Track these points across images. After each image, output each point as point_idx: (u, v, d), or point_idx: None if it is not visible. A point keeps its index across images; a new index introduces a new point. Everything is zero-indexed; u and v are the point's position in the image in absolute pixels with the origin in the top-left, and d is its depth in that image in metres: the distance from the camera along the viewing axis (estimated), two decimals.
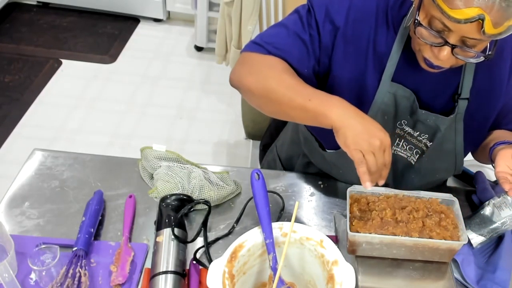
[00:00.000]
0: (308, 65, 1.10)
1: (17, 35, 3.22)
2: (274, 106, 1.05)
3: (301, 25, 1.10)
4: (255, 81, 1.05)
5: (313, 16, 1.09)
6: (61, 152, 1.30)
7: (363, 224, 1.01)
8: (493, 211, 1.12)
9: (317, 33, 1.09)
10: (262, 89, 1.04)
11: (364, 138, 0.92)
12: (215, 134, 2.69)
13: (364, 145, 0.92)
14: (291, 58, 1.08)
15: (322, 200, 1.24)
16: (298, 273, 0.99)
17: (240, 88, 1.10)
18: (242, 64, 1.11)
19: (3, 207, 1.14)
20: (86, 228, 1.05)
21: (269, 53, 1.08)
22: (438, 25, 0.92)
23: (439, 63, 0.98)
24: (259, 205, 0.96)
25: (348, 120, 0.94)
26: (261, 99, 1.07)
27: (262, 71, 1.06)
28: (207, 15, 3.03)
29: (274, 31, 1.12)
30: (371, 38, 1.08)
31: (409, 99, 1.11)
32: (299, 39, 1.09)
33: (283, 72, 1.05)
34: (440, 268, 1.03)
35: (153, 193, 1.15)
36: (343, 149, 0.95)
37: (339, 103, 0.97)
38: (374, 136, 0.93)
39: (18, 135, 2.54)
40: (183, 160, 1.23)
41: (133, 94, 2.88)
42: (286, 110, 1.03)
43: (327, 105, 0.97)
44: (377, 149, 0.93)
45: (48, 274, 0.97)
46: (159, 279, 0.96)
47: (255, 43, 1.11)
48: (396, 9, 1.07)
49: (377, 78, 1.10)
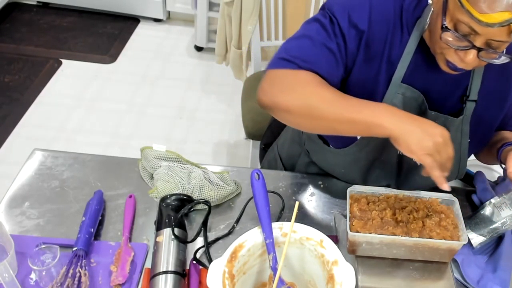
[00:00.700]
0: (337, 74, 1.08)
1: (17, 35, 3.22)
2: (318, 122, 1.01)
3: (326, 34, 1.06)
4: (293, 99, 1.01)
5: (336, 24, 1.06)
6: (61, 152, 1.30)
7: (363, 224, 1.01)
8: (493, 211, 1.13)
9: (343, 41, 1.06)
10: (303, 107, 1.00)
11: (427, 139, 0.91)
12: (215, 134, 2.69)
13: (430, 146, 0.91)
14: (321, 69, 1.05)
15: (322, 200, 1.24)
16: (298, 273, 0.99)
17: (275, 108, 1.05)
18: (272, 83, 1.06)
19: (3, 207, 1.14)
20: (86, 228, 1.05)
21: (299, 67, 1.04)
22: (465, 29, 0.91)
23: (464, 66, 0.98)
24: (259, 205, 0.96)
25: (404, 126, 0.93)
26: (301, 117, 1.03)
27: (298, 89, 1.02)
28: (207, 15, 3.03)
29: (298, 43, 1.08)
30: (388, 40, 1.07)
31: (418, 100, 1.11)
32: (327, 49, 1.06)
33: (320, 86, 1.02)
34: (440, 268, 1.03)
35: (153, 193, 1.15)
36: (408, 156, 0.93)
37: (389, 111, 0.96)
38: (435, 134, 0.92)
39: (18, 135, 2.54)
40: (183, 160, 1.23)
41: (133, 94, 2.88)
42: (332, 125, 1.00)
43: (379, 115, 0.95)
44: (442, 146, 0.92)
45: (48, 274, 0.97)
46: (159, 279, 0.96)
47: (282, 58, 1.06)
48: (410, 11, 1.07)
49: (388, 79, 1.10)
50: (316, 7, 2.15)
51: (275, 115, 1.07)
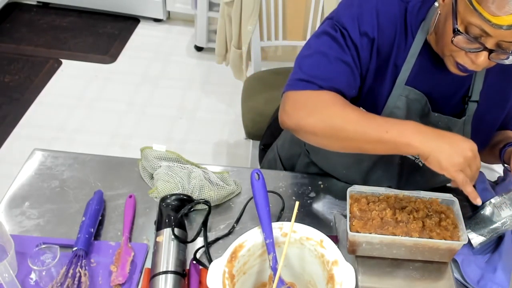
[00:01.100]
0: (355, 86, 1.09)
1: (17, 35, 3.22)
2: (345, 143, 1.02)
3: (339, 47, 1.06)
4: (318, 121, 1.01)
5: (347, 36, 1.06)
6: (61, 152, 1.30)
7: (363, 224, 1.01)
8: (493, 211, 1.12)
9: (356, 52, 1.06)
10: (328, 129, 1.01)
11: (457, 156, 0.92)
12: (215, 134, 2.69)
13: (461, 162, 0.92)
14: (341, 85, 1.05)
15: (322, 200, 1.24)
16: (298, 273, 0.99)
17: (300, 131, 1.05)
18: (295, 106, 1.05)
19: (3, 207, 1.14)
20: (86, 228, 1.05)
21: (320, 87, 1.04)
22: (476, 31, 0.91)
23: (475, 67, 0.98)
24: (259, 205, 0.96)
25: (433, 143, 0.94)
26: (328, 138, 1.03)
27: (322, 110, 1.02)
28: (207, 15, 3.02)
29: (313, 61, 1.07)
30: (395, 43, 1.07)
31: (421, 102, 1.11)
32: (343, 63, 1.06)
33: (344, 106, 1.02)
34: (440, 268, 1.03)
35: (153, 193, 1.15)
36: (440, 173, 0.94)
37: (416, 128, 0.96)
38: (464, 150, 0.93)
39: (18, 135, 2.54)
40: (183, 160, 1.23)
41: (133, 94, 2.88)
42: (359, 146, 1.01)
43: (406, 134, 0.95)
44: (472, 160, 0.94)
45: (48, 274, 0.97)
46: (159, 279, 0.96)
47: (300, 79, 1.05)
48: (414, 14, 1.07)
49: (392, 82, 1.10)
50: (316, 7, 2.15)
51: (301, 137, 1.07)
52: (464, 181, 0.93)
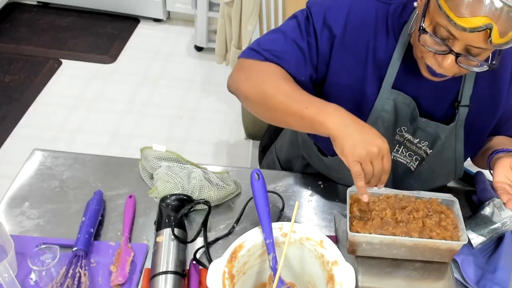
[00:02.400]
0: (305, 73, 1.09)
1: (17, 35, 3.22)
2: (271, 113, 1.05)
3: (299, 32, 1.08)
4: (252, 87, 1.05)
5: (311, 23, 1.08)
6: (61, 152, 1.30)
7: (363, 224, 1.01)
8: (493, 211, 1.12)
9: (315, 41, 1.08)
10: (259, 96, 1.04)
11: (362, 147, 0.91)
12: (215, 134, 2.69)
13: (362, 154, 0.91)
14: (288, 66, 1.07)
15: (322, 200, 1.24)
16: (298, 273, 0.99)
17: (238, 94, 1.10)
18: (239, 71, 1.11)
19: (3, 207, 1.14)
20: (86, 228, 1.05)
21: (266, 59, 1.07)
22: (443, 32, 0.91)
23: (442, 71, 0.97)
24: (259, 205, 0.96)
25: (345, 128, 0.93)
26: (258, 105, 1.07)
27: (259, 78, 1.05)
28: (207, 15, 3.03)
29: (272, 37, 1.11)
30: (370, 46, 1.07)
31: (409, 106, 1.10)
32: (297, 46, 1.08)
33: (280, 78, 1.04)
34: (440, 268, 1.03)
35: (153, 193, 1.15)
36: (341, 158, 0.94)
37: (336, 111, 0.96)
38: (372, 144, 0.92)
39: (18, 135, 2.54)
40: (183, 160, 1.23)
41: (133, 94, 2.88)
42: (283, 117, 1.03)
43: (324, 113, 0.96)
44: (375, 157, 0.92)
45: (48, 274, 0.97)
46: (159, 279, 0.96)
47: (253, 49, 1.10)
48: (396, 16, 1.06)
49: (377, 86, 1.09)
50: None
51: (240, 100, 1.12)
52: (358, 173, 0.92)
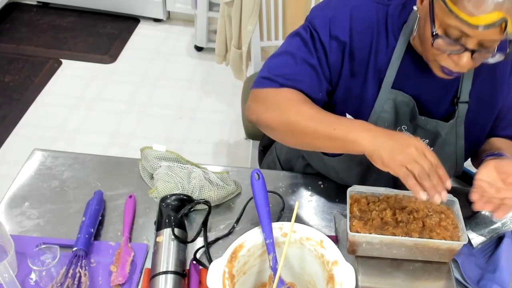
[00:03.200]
0: (321, 89, 1.09)
1: (17, 35, 3.22)
2: (298, 138, 1.04)
3: (307, 50, 1.08)
4: (274, 117, 1.04)
5: (317, 38, 1.07)
6: (61, 152, 1.30)
7: (363, 224, 1.01)
8: None
9: (324, 55, 1.07)
10: (283, 124, 1.03)
11: (399, 151, 0.91)
12: (215, 134, 2.69)
13: (402, 157, 0.90)
14: (303, 86, 1.07)
15: (322, 200, 1.24)
16: (298, 273, 0.99)
17: (259, 125, 1.09)
18: (256, 102, 1.10)
19: (3, 207, 1.14)
20: (86, 228, 1.05)
21: (281, 85, 1.06)
22: (455, 32, 0.90)
23: (459, 69, 0.96)
24: (259, 205, 0.96)
25: (378, 141, 0.93)
26: (284, 133, 1.06)
27: (280, 106, 1.05)
28: (207, 15, 3.02)
29: (281, 61, 1.10)
30: (373, 48, 1.07)
31: (409, 104, 1.10)
32: (308, 65, 1.07)
33: (300, 103, 1.04)
34: (440, 268, 1.03)
35: (153, 193, 1.15)
36: (385, 170, 0.93)
37: (364, 127, 0.96)
38: (407, 146, 0.91)
39: (18, 135, 2.54)
40: (183, 160, 1.23)
41: (133, 94, 2.88)
42: (311, 142, 1.02)
43: (353, 132, 0.96)
44: (417, 156, 0.91)
45: (48, 274, 0.97)
46: (159, 279, 0.96)
47: (265, 77, 1.09)
48: (396, 17, 1.06)
49: (377, 86, 1.09)
50: None
51: (262, 130, 1.11)
52: (405, 174, 0.90)
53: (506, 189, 0.97)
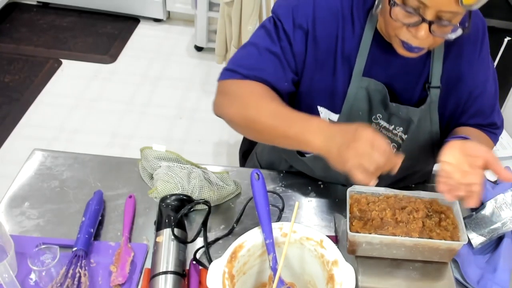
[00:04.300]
0: (286, 78, 1.08)
1: (17, 35, 3.22)
2: (258, 135, 1.04)
3: (270, 39, 1.07)
4: (236, 111, 1.03)
5: (280, 27, 1.06)
6: (61, 152, 1.30)
7: (363, 224, 1.01)
8: (493, 211, 1.12)
9: (288, 43, 1.06)
10: (244, 120, 1.02)
11: (345, 148, 0.87)
12: (215, 134, 2.69)
13: (349, 153, 0.86)
14: (267, 76, 1.05)
15: (322, 200, 1.24)
16: (298, 273, 0.99)
17: (224, 119, 1.07)
18: (220, 94, 1.08)
19: (3, 207, 1.14)
20: (86, 228, 1.05)
21: (245, 76, 1.05)
22: (413, 2, 0.90)
23: (418, 43, 0.95)
24: (259, 205, 0.96)
25: (330, 141, 0.90)
26: (244, 129, 1.05)
27: (242, 100, 1.03)
28: (207, 15, 3.03)
29: (244, 52, 1.09)
30: (339, 36, 1.06)
31: (381, 92, 1.09)
32: (271, 54, 1.06)
33: (261, 97, 1.02)
34: (440, 268, 1.03)
35: (153, 193, 1.15)
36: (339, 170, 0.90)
37: (319, 127, 0.93)
38: (353, 140, 0.86)
39: (18, 135, 2.54)
40: (183, 160, 1.23)
41: (133, 94, 2.88)
42: (270, 139, 1.02)
43: (307, 132, 0.93)
44: (364, 147, 0.85)
45: (48, 275, 0.97)
46: (159, 279, 0.96)
47: (228, 69, 1.08)
48: (360, 4, 1.06)
49: (347, 75, 1.08)
50: None
51: (229, 125, 1.08)
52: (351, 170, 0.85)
53: (472, 173, 0.89)
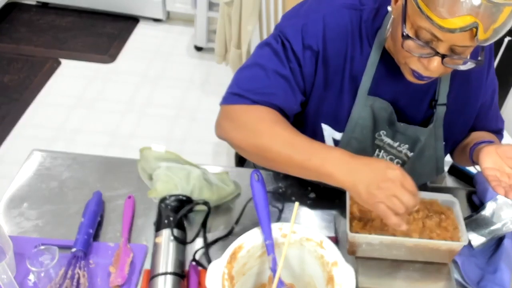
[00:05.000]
0: (295, 101, 1.05)
1: (16, 35, 3.22)
2: (270, 163, 1.00)
3: (278, 60, 1.03)
4: (245, 138, 0.99)
5: (289, 48, 1.02)
6: (60, 153, 1.30)
7: (363, 225, 1.01)
8: (494, 212, 1.12)
9: (298, 65, 1.03)
10: (255, 147, 0.98)
11: (375, 187, 0.85)
12: (215, 134, 2.68)
13: (379, 194, 0.85)
14: (276, 100, 1.02)
15: (322, 201, 1.24)
16: (298, 274, 0.99)
17: (230, 143, 1.05)
18: (226, 119, 1.04)
19: (2, 208, 1.13)
20: (85, 229, 1.05)
21: (253, 102, 1.01)
22: (426, 35, 0.88)
23: (429, 73, 0.95)
24: (259, 206, 0.96)
25: (354, 174, 0.88)
26: (254, 156, 1.02)
27: (252, 127, 0.99)
28: (207, 15, 3.03)
29: (250, 74, 1.05)
30: (348, 56, 1.04)
31: (387, 110, 1.08)
32: (281, 77, 1.02)
33: (273, 124, 0.99)
34: (440, 269, 1.03)
35: (153, 194, 1.15)
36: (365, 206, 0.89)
37: (340, 158, 0.90)
38: (383, 180, 0.85)
39: (17, 135, 2.54)
40: (183, 161, 1.22)
41: (133, 94, 2.88)
42: (284, 168, 0.98)
43: (328, 164, 0.90)
44: (393, 189, 0.85)
45: (46, 275, 0.96)
46: (159, 280, 0.96)
47: (235, 94, 1.04)
48: (370, 22, 1.03)
49: (353, 94, 1.07)
50: None
51: (235, 149, 1.06)
52: (384, 213, 0.85)
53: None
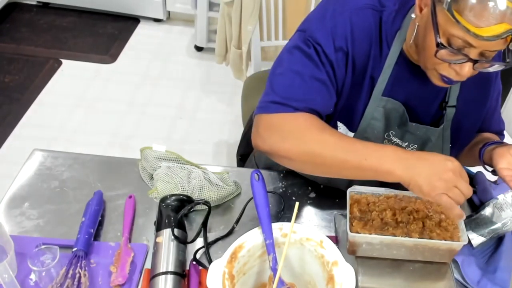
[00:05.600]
0: (332, 103, 1.06)
1: (17, 35, 3.22)
2: (322, 169, 1.00)
3: (313, 65, 1.02)
4: (294, 147, 0.98)
5: (321, 52, 1.02)
6: (60, 153, 1.30)
7: (363, 225, 1.01)
8: (494, 211, 1.12)
9: (331, 68, 1.03)
10: (305, 155, 0.98)
11: (437, 178, 0.89)
12: (215, 134, 2.69)
13: (441, 185, 0.89)
14: (317, 106, 1.02)
15: (322, 200, 1.24)
16: (298, 274, 0.99)
17: (275, 155, 1.02)
18: (269, 130, 1.02)
19: (3, 207, 1.14)
20: (86, 228, 1.05)
21: (295, 109, 1.00)
22: (459, 43, 0.89)
23: (459, 78, 0.96)
24: (259, 205, 0.96)
25: (413, 169, 0.90)
26: (304, 164, 1.01)
27: (298, 135, 0.99)
28: (207, 15, 3.02)
29: (288, 81, 1.03)
30: (371, 56, 1.05)
31: (398, 111, 1.09)
32: (318, 81, 1.02)
33: (321, 131, 0.99)
34: (440, 268, 1.03)
35: (153, 194, 1.15)
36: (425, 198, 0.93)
37: (396, 155, 0.93)
38: (444, 171, 0.89)
39: (18, 135, 2.54)
40: (183, 161, 1.23)
41: (133, 94, 2.88)
42: (338, 172, 0.99)
43: (386, 162, 0.92)
44: (455, 180, 0.89)
45: (47, 275, 0.97)
46: (159, 280, 0.96)
47: (275, 102, 1.02)
48: (389, 24, 1.04)
49: (368, 94, 1.08)
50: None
51: (277, 160, 1.05)
52: (448, 204, 0.89)
53: None
